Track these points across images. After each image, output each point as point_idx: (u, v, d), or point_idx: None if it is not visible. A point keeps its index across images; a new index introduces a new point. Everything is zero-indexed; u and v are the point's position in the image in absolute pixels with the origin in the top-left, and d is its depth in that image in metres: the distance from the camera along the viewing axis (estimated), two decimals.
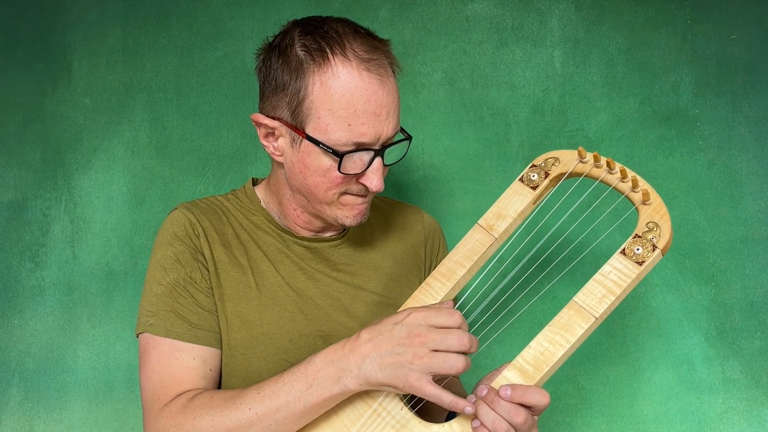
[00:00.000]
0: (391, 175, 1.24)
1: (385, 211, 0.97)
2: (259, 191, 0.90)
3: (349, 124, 0.73)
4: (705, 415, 1.16)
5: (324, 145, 0.74)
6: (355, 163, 0.76)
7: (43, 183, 1.24)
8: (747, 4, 1.23)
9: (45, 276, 1.22)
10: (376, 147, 0.76)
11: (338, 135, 0.73)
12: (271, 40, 0.80)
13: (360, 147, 0.75)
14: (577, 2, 1.25)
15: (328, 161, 0.76)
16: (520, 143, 1.23)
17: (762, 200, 1.20)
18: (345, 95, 0.73)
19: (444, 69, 1.25)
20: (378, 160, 0.77)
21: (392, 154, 0.80)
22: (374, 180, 0.77)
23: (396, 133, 0.78)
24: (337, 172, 0.76)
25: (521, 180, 0.78)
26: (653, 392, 1.18)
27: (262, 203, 0.89)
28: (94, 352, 1.20)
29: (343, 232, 0.91)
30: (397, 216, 0.97)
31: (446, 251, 1.00)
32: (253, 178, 0.92)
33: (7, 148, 1.25)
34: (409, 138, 0.80)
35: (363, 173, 0.77)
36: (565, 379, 1.19)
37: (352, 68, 0.73)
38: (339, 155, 0.74)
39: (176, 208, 0.85)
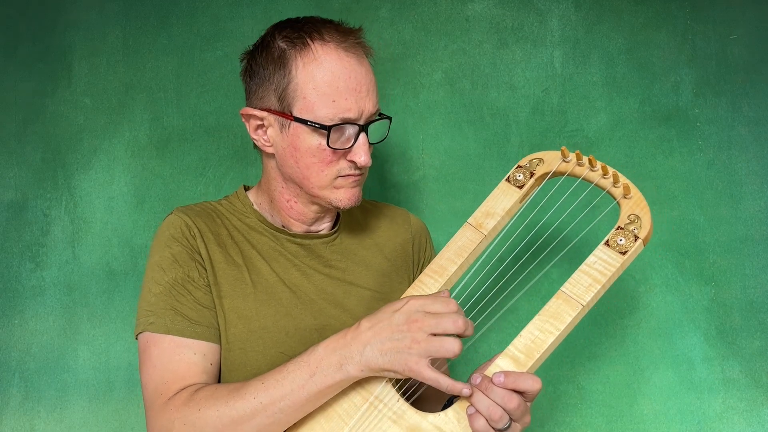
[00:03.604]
0: (391, 176, 1.24)
1: (374, 212, 1.02)
2: (251, 195, 0.94)
3: (334, 101, 0.79)
4: (705, 414, 1.16)
5: (312, 122, 0.79)
6: (342, 138, 0.81)
7: (43, 183, 1.24)
8: (747, 4, 1.23)
9: (45, 276, 1.22)
10: (361, 122, 0.81)
11: (324, 111, 0.79)
12: (251, 48, 0.87)
13: (345, 121, 0.80)
14: (577, 2, 1.25)
15: (316, 139, 0.81)
16: (520, 143, 1.23)
17: (762, 200, 1.20)
18: (327, 74, 0.79)
19: (444, 69, 1.25)
20: (363, 136, 0.82)
21: (376, 134, 0.86)
22: (362, 155, 0.82)
23: (377, 110, 0.84)
24: (326, 146, 0.80)
25: (508, 180, 0.82)
26: (653, 392, 1.18)
27: (254, 206, 0.92)
28: (94, 352, 1.20)
29: (335, 229, 0.94)
30: (385, 217, 1.02)
31: (433, 249, 1.04)
32: (244, 185, 0.96)
33: (7, 148, 1.25)
34: (389, 117, 0.86)
35: (350, 149, 0.82)
36: (565, 379, 1.19)
37: (330, 49, 0.80)
38: (326, 128, 0.79)
39: (172, 213, 0.88)
